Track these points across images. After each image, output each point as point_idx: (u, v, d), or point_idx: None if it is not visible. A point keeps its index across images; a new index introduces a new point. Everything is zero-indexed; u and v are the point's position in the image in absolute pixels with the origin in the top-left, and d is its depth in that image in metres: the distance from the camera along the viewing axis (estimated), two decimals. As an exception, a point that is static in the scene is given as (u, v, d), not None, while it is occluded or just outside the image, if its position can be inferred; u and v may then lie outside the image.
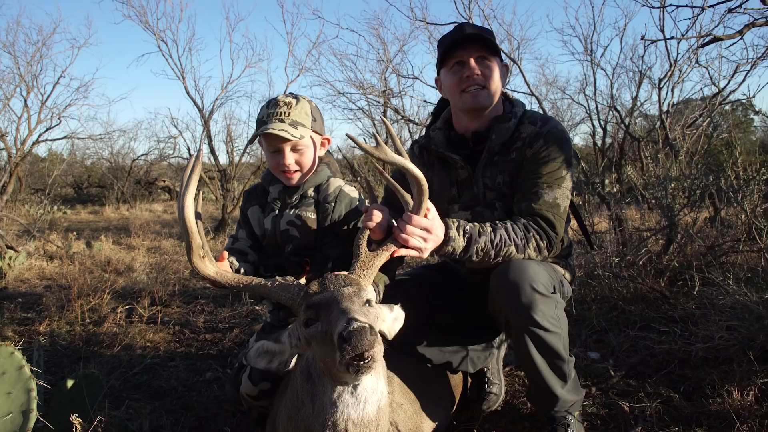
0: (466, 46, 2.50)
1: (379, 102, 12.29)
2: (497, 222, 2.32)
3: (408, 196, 2.10)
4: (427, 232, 2.05)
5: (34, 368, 1.80)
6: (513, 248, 2.28)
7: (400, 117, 12.15)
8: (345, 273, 1.88)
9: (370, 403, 1.71)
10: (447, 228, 2.16)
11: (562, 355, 2.31)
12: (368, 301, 1.78)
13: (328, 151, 2.59)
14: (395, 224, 2.07)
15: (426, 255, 2.13)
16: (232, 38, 36.13)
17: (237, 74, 25.28)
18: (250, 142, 2.44)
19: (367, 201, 2.50)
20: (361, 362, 1.52)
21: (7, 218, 9.83)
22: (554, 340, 2.27)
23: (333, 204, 2.43)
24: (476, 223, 2.26)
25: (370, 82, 11.78)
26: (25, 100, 13.10)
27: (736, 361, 3.04)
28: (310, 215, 2.43)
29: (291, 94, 2.42)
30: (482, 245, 2.22)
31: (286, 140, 2.30)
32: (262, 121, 2.33)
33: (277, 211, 2.47)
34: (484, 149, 2.56)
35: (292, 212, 2.44)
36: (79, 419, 2.00)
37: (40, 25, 15.02)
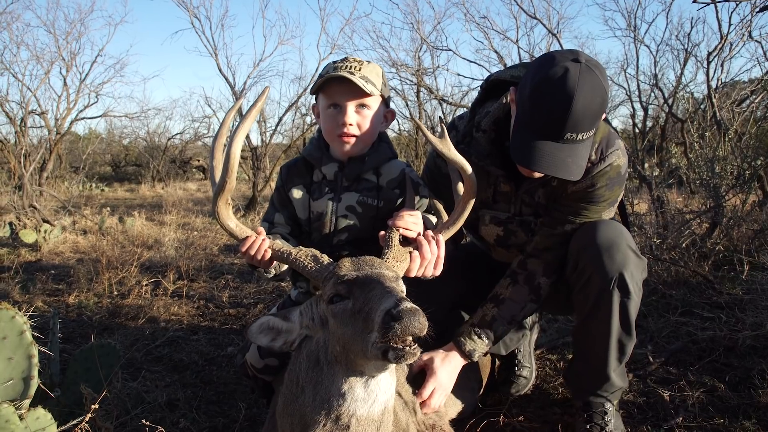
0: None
1: (412, 81, 12.09)
2: (497, 296, 2.34)
3: (443, 211, 2.08)
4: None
5: (37, 334, 1.73)
6: (531, 305, 2.34)
7: (433, 96, 11.94)
8: (379, 259, 1.73)
9: (378, 403, 1.56)
10: (459, 345, 2.27)
11: (632, 329, 2.16)
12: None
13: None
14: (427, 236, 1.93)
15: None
16: (264, 14, 35.98)
17: (269, 51, 25.33)
18: (314, 91, 2.11)
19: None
20: (407, 348, 1.36)
21: (46, 194, 10.06)
22: (632, 310, 2.12)
23: (398, 191, 2.19)
24: (481, 313, 2.33)
25: (404, 61, 11.57)
26: (65, 79, 13.36)
27: (789, 351, 2.83)
28: (371, 201, 2.16)
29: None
30: (501, 330, 2.31)
31: (353, 94, 2.03)
32: (328, 72, 2.06)
33: (333, 194, 2.17)
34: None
35: (352, 197, 2.16)
36: (89, 389, 1.93)
37: (78, 2, 15.20)
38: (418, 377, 2.22)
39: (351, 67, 2.04)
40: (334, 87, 2.04)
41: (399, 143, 15.40)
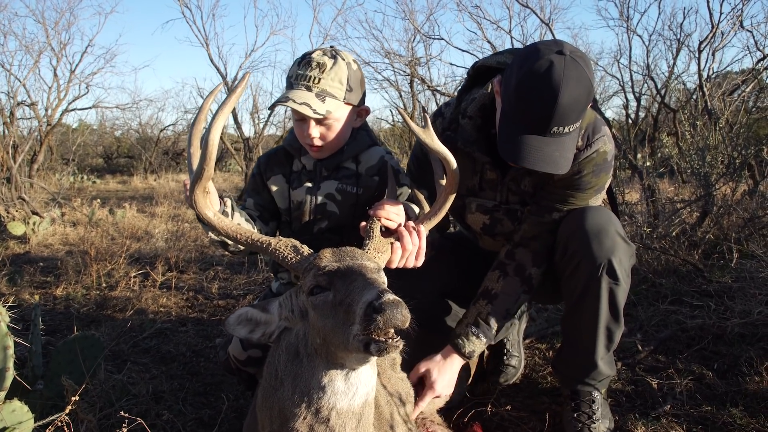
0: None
1: (405, 72, 12.04)
2: (489, 292, 2.30)
3: (424, 201, 2.05)
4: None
5: (14, 325, 1.70)
6: (524, 296, 2.31)
7: (426, 87, 11.88)
8: (360, 250, 1.68)
9: (359, 396, 1.52)
10: (458, 348, 2.24)
11: (620, 316, 2.15)
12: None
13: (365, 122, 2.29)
14: (407, 227, 1.88)
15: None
16: (256, 4, 35.68)
17: (261, 42, 25.03)
18: (272, 108, 2.12)
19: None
20: (389, 340, 1.32)
21: (36, 186, 9.97)
22: (621, 297, 2.11)
23: (377, 178, 2.18)
24: (475, 311, 2.28)
25: (397, 51, 11.52)
26: (55, 70, 13.22)
27: (777, 338, 2.83)
28: (350, 189, 2.16)
29: (331, 49, 2.07)
30: (498, 326, 2.26)
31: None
32: (290, 83, 2.05)
33: (312, 183, 2.19)
34: None
35: (331, 185, 2.17)
36: (70, 381, 1.90)
37: (68, -8, 15.01)
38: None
39: (310, 79, 1.99)
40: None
41: (393, 134, 15.37)
